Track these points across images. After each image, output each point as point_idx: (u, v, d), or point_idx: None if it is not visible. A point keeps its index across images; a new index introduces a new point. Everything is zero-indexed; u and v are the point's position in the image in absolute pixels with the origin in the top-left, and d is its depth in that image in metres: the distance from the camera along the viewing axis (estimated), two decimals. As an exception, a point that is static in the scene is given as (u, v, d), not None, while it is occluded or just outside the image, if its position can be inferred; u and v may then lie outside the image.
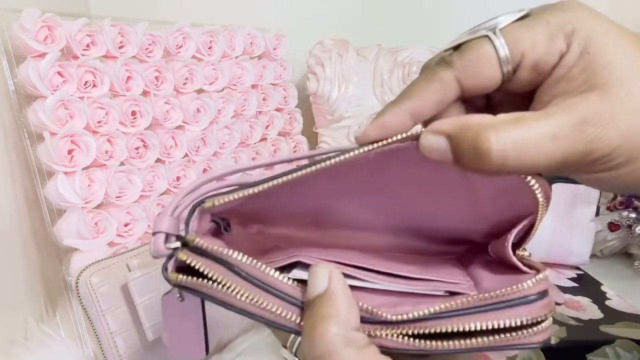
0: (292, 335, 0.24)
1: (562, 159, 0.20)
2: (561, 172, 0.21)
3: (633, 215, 0.30)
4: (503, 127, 0.19)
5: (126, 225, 0.57)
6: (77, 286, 0.46)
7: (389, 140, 0.22)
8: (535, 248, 0.69)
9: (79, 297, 0.46)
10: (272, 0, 0.89)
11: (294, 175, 0.23)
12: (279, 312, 0.22)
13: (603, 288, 0.62)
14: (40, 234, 0.59)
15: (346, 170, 0.24)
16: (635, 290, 0.64)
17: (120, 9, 0.83)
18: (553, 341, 0.50)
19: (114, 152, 0.56)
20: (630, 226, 0.31)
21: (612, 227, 0.33)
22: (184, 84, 0.64)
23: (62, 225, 0.52)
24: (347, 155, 0.23)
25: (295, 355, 0.24)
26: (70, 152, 0.52)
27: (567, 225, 0.68)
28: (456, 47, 0.23)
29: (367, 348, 0.21)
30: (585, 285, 0.64)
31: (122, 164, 0.57)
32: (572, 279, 0.66)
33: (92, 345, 0.53)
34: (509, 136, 0.19)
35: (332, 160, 0.23)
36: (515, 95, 0.23)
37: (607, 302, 0.58)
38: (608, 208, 0.32)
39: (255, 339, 0.59)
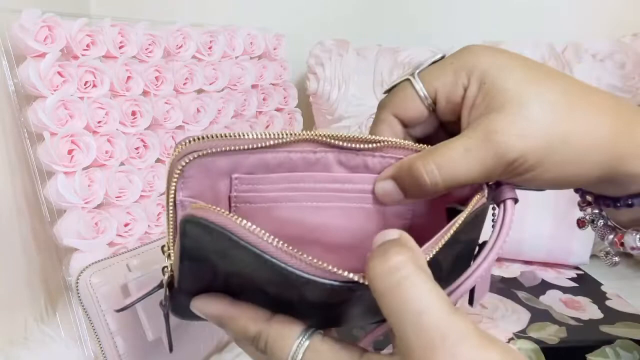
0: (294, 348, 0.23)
1: (480, 167, 0.24)
2: (491, 179, 0.25)
3: (596, 210, 0.31)
4: (427, 155, 0.24)
5: (126, 225, 0.57)
6: (77, 286, 0.46)
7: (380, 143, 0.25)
8: (535, 248, 0.69)
9: (79, 297, 0.46)
10: (272, 0, 0.89)
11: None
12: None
13: (603, 288, 0.62)
14: (40, 234, 0.59)
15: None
16: (635, 290, 0.64)
17: (120, 9, 0.83)
18: (553, 341, 0.50)
19: (114, 152, 0.56)
20: (593, 221, 0.32)
21: (580, 223, 0.34)
22: (184, 84, 0.64)
23: (62, 225, 0.52)
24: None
25: None
26: (70, 152, 0.52)
27: (567, 225, 0.68)
28: (389, 90, 0.28)
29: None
30: (585, 285, 0.64)
31: (122, 164, 0.57)
32: (572, 279, 0.66)
33: (92, 345, 0.53)
34: (432, 160, 0.24)
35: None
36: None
37: (607, 302, 0.58)
38: (579, 204, 0.33)
39: (255, 339, 0.59)
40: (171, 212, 0.24)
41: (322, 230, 0.27)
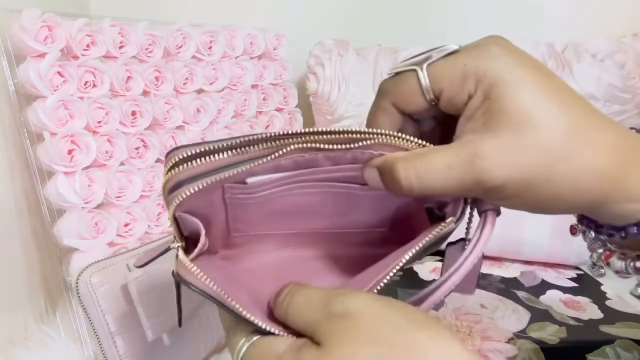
0: (241, 343, 0.25)
1: (457, 186, 0.24)
2: (465, 196, 0.25)
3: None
4: (410, 160, 0.24)
5: (126, 225, 0.57)
6: (77, 286, 0.46)
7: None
8: (536, 248, 0.69)
9: (79, 297, 0.46)
10: (272, 0, 0.89)
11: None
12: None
13: (603, 288, 0.62)
14: (40, 234, 0.59)
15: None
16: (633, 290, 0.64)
17: (120, 9, 0.83)
18: (553, 341, 0.50)
19: (114, 152, 0.56)
20: (584, 232, 0.32)
21: (572, 229, 0.34)
22: (184, 84, 0.64)
23: (62, 225, 0.52)
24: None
25: None
26: (70, 152, 0.52)
27: (567, 225, 0.68)
28: (393, 75, 0.27)
29: None
30: (585, 285, 0.64)
31: (122, 164, 0.57)
32: (572, 279, 0.66)
33: (92, 345, 0.53)
34: (412, 166, 0.24)
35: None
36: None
37: (607, 302, 0.58)
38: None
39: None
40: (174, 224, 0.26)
41: (313, 207, 0.30)
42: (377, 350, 0.20)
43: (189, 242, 0.26)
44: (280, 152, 0.24)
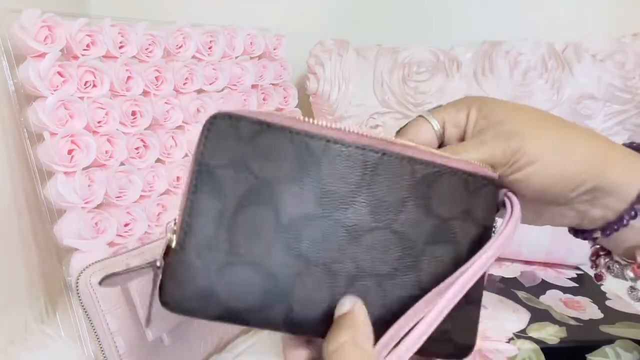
0: None
1: (490, 154, 0.30)
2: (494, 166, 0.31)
3: (606, 258, 0.36)
4: (448, 148, 0.32)
5: (126, 225, 0.57)
6: (77, 286, 0.46)
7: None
8: (535, 248, 0.69)
9: (79, 297, 0.46)
10: (272, 0, 0.89)
11: None
12: None
13: (603, 288, 0.62)
14: (40, 234, 0.59)
15: None
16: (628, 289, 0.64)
17: (120, 9, 0.83)
18: (553, 341, 0.50)
19: (114, 152, 0.56)
20: (608, 267, 0.36)
21: (598, 278, 0.37)
22: (184, 84, 0.64)
23: (62, 225, 0.52)
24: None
25: None
26: (70, 152, 0.52)
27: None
28: (403, 126, 0.35)
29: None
30: (585, 285, 0.64)
31: (122, 164, 0.57)
32: (572, 279, 0.66)
33: (92, 345, 0.53)
34: (451, 150, 0.31)
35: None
36: None
37: (607, 302, 0.58)
38: (590, 260, 0.37)
39: (255, 339, 0.59)
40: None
41: None
42: None
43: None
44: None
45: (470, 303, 0.29)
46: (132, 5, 0.85)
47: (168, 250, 0.25)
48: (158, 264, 0.25)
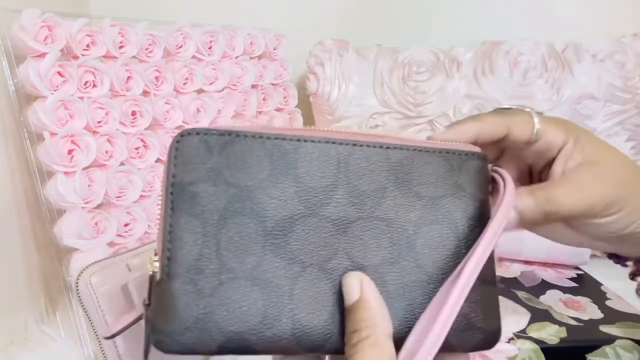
0: None
1: (589, 204, 0.30)
2: (591, 213, 0.30)
3: None
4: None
5: (126, 225, 0.57)
6: (77, 286, 0.46)
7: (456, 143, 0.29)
8: (535, 248, 0.69)
9: (79, 297, 0.46)
10: (272, 0, 0.89)
11: None
12: None
13: (603, 288, 0.62)
14: (40, 234, 0.59)
15: None
16: (635, 290, 0.64)
17: (120, 9, 0.83)
18: (553, 341, 0.50)
19: (114, 152, 0.56)
20: None
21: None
22: (184, 84, 0.64)
23: (62, 225, 0.52)
24: (418, 146, 0.28)
25: None
26: (70, 152, 0.52)
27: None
28: (507, 108, 0.34)
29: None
30: (585, 285, 0.64)
31: (122, 164, 0.57)
32: (572, 279, 0.66)
33: (92, 345, 0.53)
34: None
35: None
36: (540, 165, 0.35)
37: (607, 302, 0.58)
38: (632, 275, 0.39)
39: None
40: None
41: None
42: None
43: None
44: None
45: (486, 284, 0.28)
46: (132, 5, 0.85)
47: (151, 285, 0.24)
48: (146, 301, 0.24)
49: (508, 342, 0.50)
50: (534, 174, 0.36)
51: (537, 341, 0.50)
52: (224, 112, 0.69)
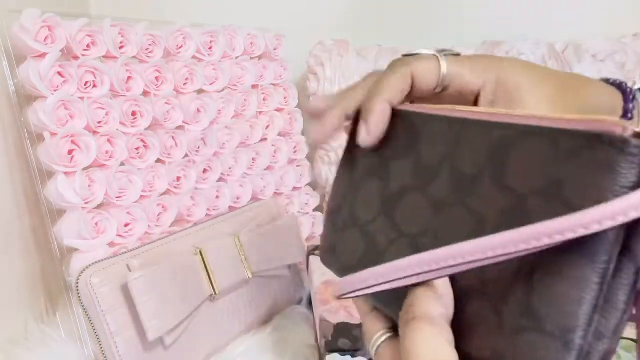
0: (377, 336, 0.26)
1: None
2: None
3: None
4: None
5: (126, 225, 0.57)
6: (77, 286, 0.46)
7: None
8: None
9: (79, 297, 0.46)
10: (272, 0, 0.89)
11: None
12: None
13: (603, 288, 0.62)
14: (40, 234, 0.59)
15: None
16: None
17: (120, 9, 0.83)
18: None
19: (114, 152, 0.56)
20: None
21: None
22: (184, 84, 0.64)
23: (62, 225, 0.52)
24: None
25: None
26: (70, 152, 0.52)
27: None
28: (412, 55, 0.31)
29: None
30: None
31: (122, 164, 0.57)
32: (572, 279, 0.66)
33: (92, 345, 0.53)
34: None
35: None
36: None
37: (607, 302, 0.58)
38: None
39: (255, 339, 0.59)
40: None
41: None
42: None
43: None
44: None
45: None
46: (132, 5, 0.85)
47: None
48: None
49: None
50: None
51: (537, 341, 0.50)
52: (224, 112, 0.69)
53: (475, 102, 0.30)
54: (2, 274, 0.55)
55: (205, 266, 0.53)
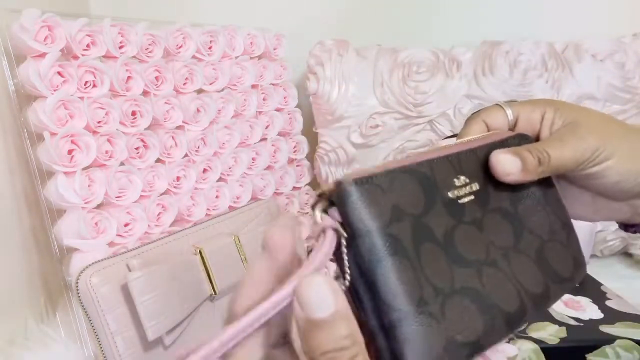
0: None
1: (574, 153, 0.33)
2: (579, 164, 0.33)
3: None
4: (537, 145, 0.34)
5: (126, 225, 0.57)
6: (77, 286, 0.46)
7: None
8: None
9: (79, 297, 0.46)
10: (272, 0, 0.89)
11: None
12: None
13: (603, 288, 0.62)
14: (40, 234, 0.59)
15: None
16: (635, 290, 0.64)
17: (120, 9, 0.83)
18: (553, 341, 0.50)
19: (114, 152, 0.56)
20: None
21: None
22: (184, 84, 0.64)
23: (62, 225, 0.52)
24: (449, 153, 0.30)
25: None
26: (70, 152, 0.52)
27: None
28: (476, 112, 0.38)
29: None
30: (585, 285, 0.64)
31: (122, 164, 0.57)
32: (572, 279, 0.66)
33: (92, 345, 0.53)
34: (543, 148, 0.33)
35: None
36: None
37: (607, 302, 0.58)
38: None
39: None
40: None
41: None
42: None
43: None
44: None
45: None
46: (132, 5, 0.85)
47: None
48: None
49: (508, 342, 0.50)
50: None
51: (537, 341, 0.50)
52: (224, 112, 0.69)
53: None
54: (2, 274, 0.55)
55: (205, 266, 0.53)
